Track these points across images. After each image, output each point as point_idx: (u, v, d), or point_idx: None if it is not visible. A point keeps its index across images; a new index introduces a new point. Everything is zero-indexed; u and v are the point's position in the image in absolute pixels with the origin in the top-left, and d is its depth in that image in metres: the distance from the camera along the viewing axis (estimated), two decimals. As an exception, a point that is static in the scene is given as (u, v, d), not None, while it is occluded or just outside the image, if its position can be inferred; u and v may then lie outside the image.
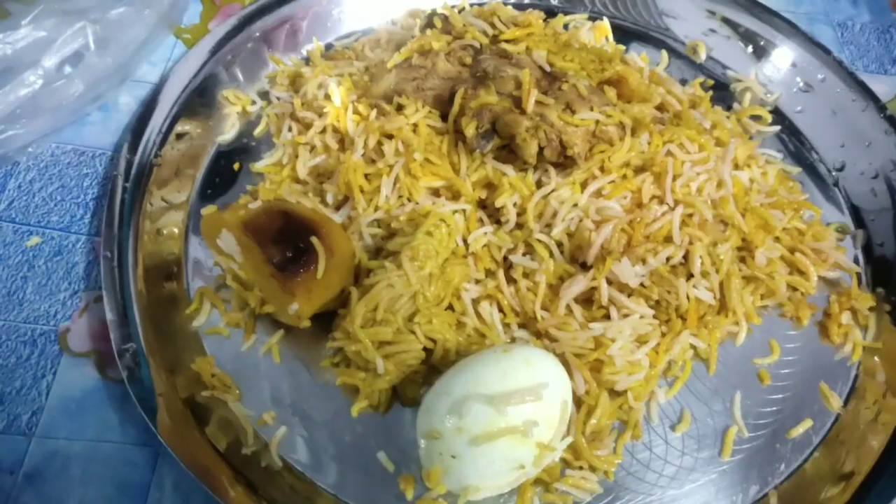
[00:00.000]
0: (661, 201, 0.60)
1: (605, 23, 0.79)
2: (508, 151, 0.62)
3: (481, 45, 0.68)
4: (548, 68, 0.64)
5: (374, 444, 0.55)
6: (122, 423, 0.56)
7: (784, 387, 0.60)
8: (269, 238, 0.54)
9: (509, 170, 0.61)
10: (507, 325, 0.59)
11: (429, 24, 0.71)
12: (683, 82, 0.76)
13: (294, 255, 0.54)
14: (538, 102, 0.60)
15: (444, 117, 0.65)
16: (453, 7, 0.80)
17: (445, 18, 0.71)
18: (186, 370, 0.57)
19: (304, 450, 0.55)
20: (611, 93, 0.66)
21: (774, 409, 0.58)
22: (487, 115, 0.61)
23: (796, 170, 0.71)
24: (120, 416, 0.56)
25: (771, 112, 0.75)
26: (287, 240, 0.55)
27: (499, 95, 0.62)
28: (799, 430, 0.57)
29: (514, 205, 0.61)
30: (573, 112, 0.60)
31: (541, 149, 0.59)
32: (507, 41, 0.69)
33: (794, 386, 0.60)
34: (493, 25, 0.70)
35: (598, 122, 0.60)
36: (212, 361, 0.58)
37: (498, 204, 0.60)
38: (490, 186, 0.63)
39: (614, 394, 0.56)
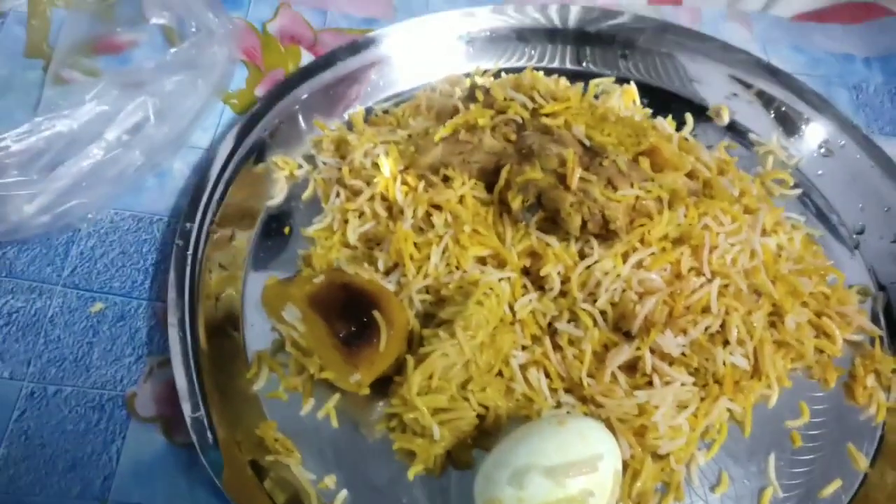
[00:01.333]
0: (699, 273, 0.63)
1: (633, 87, 0.83)
2: (551, 222, 0.66)
3: (524, 119, 0.72)
4: (587, 143, 0.68)
5: (430, 506, 0.59)
6: (191, 487, 0.58)
7: (814, 448, 0.63)
8: (334, 312, 0.58)
9: (553, 240, 0.65)
10: (553, 391, 0.62)
11: (470, 96, 0.75)
12: (709, 147, 0.79)
13: (357, 328, 0.57)
14: (581, 179, 0.63)
15: (488, 188, 0.69)
16: (486, 71, 0.85)
17: (487, 91, 0.74)
18: (250, 434, 0.60)
19: (365, 512, 0.58)
20: (645, 163, 0.69)
21: (805, 469, 0.62)
22: (533, 189, 0.65)
23: (819, 232, 0.75)
24: (188, 480, 0.59)
25: (792, 175, 0.78)
26: (350, 314, 0.58)
27: (543, 171, 0.65)
28: (829, 490, 0.61)
29: (559, 273, 0.64)
30: (614, 188, 0.64)
31: (584, 222, 0.63)
32: (546, 115, 0.72)
33: (823, 446, 0.63)
34: (532, 99, 0.74)
35: (637, 197, 0.64)
36: (274, 426, 0.61)
37: (543, 273, 0.64)
38: (534, 255, 0.66)
39: (657, 457, 0.59)
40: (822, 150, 0.80)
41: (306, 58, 0.87)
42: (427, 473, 0.60)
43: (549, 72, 0.83)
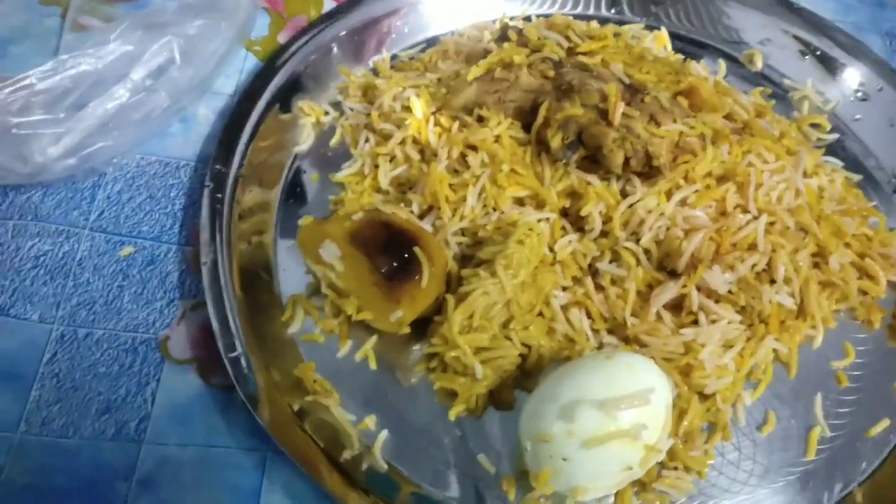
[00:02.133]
0: (744, 210, 0.62)
1: (664, 32, 0.81)
2: (591, 161, 0.64)
3: (560, 58, 0.70)
4: (627, 80, 0.66)
5: (473, 447, 0.57)
6: (229, 428, 0.57)
7: (859, 388, 0.62)
8: (375, 249, 0.56)
9: (594, 179, 0.63)
10: (595, 331, 0.61)
11: (503, 36, 0.73)
12: (744, 92, 0.77)
13: (399, 264, 0.56)
14: (623, 114, 0.62)
15: (525, 128, 0.67)
16: (514, 17, 0.83)
17: (520, 32, 0.73)
18: (287, 375, 0.59)
19: (405, 453, 0.57)
20: (683, 103, 0.68)
21: (852, 409, 0.61)
22: (573, 126, 0.63)
23: (858, 177, 0.73)
24: (226, 421, 0.58)
25: (828, 120, 0.77)
26: (391, 250, 0.57)
27: (583, 108, 0.64)
28: (877, 430, 0.60)
29: (600, 213, 0.63)
30: (657, 124, 0.62)
31: (626, 159, 0.62)
32: (583, 54, 0.71)
33: (868, 387, 0.62)
34: (567, 38, 0.72)
35: (681, 133, 0.62)
36: (313, 367, 0.59)
37: (584, 212, 0.62)
38: (573, 195, 0.65)
39: (703, 397, 0.58)
40: (859, 95, 0.78)
41: (329, 4, 0.85)
42: (468, 413, 0.59)
43: (579, 18, 0.81)
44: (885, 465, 0.58)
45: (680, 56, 0.80)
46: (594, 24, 0.79)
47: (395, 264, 0.56)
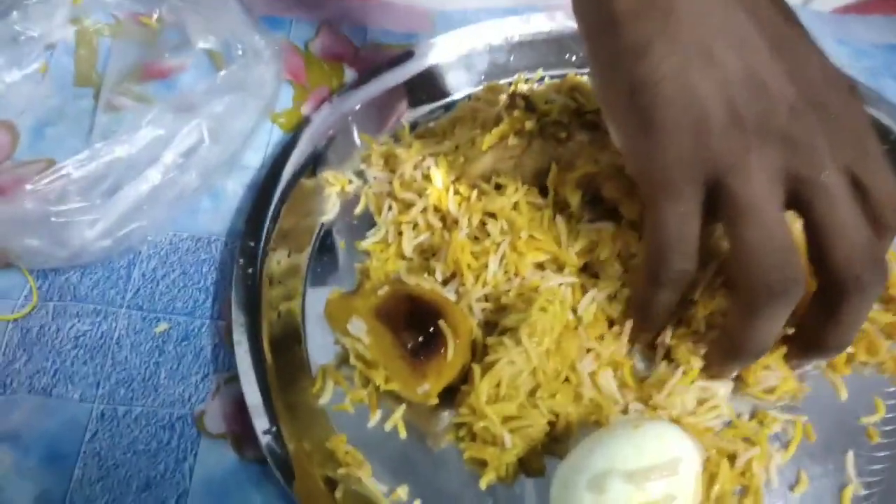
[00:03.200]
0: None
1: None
2: (611, 213, 0.66)
3: (570, 119, 0.72)
4: None
5: (504, 516, 0.58)
6: (265, 501, 0.59)
7: (892, 443, 0.61)
8: (399, 323, 0.58)
9: (608, 226, 0.66)
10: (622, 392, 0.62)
11: (512, 104, 0.75)
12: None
13: (424, 338, 0.57)
14: None
15: (542, 192, 0.69)
16: (529, 79, 0.85)
17: (526, 98, 0.75)
18: (319, 447, 0.60)
19: (437, 524, 0.58)
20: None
21: (885, 465, 0.60)
22: (591, 182, 0.66)
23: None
24: (260, 496, 0.59)
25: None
26: (416, 324, 0.58)
27: (596, 164, 0.66)
28: (912, 486, 0.59)
29: (618, 257, 0.65)
30: None
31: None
32: (590, 112, 0.72)
33: (901, 442, 0.62)
34: (574, 99, 0.74)
35: None
36: (344, 439, 0.61)
37: (602, 256, 0.65)
38: (592, 253, 0.66)
39: (734, 458, 0.58)
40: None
41: (349, 74, 0.87)
42: (499, 481, 0.59)
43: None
44: (922, 523, 0.58)
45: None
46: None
47: (420, 339, 0.57)
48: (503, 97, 0.80)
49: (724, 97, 0.50)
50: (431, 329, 0.58)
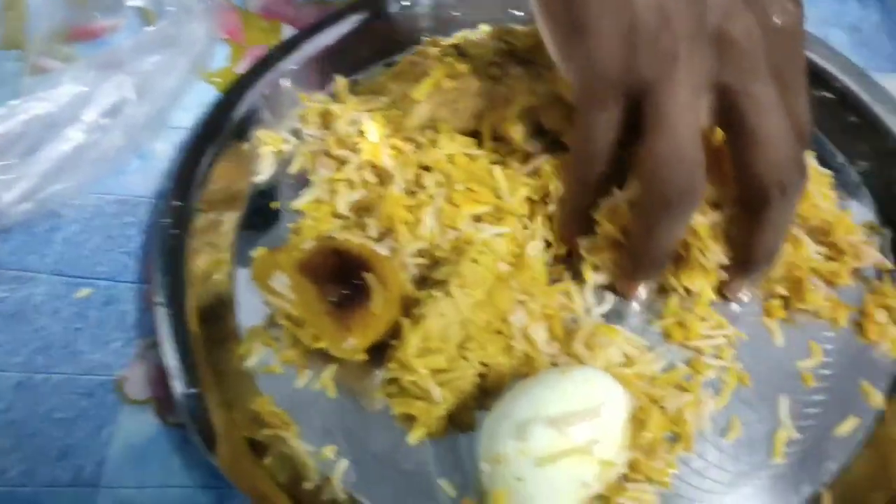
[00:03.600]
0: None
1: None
2: (558, 145, 0.65)
3: (503, 59, 0.70)
4: None
5: (434, 471, 0.57)
6: (186, 467, 0.57)
7: (826, 388, 0.61)
8: (325, 277, 0.56)
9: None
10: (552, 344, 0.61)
11: (444, 53, 0.74)
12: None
13: (349, 292, 0.56)
14: None
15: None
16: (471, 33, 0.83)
17: (456, 46, 0.73)
18: (245, 410, 0.59)
19: (364, 479, 0.57)
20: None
21: (819, 410, 0.60)
22: (531, 114, 0.65)
23: (829, 172, 0.72)
24: (183, 460, 0.57)
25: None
26: (342, 277, 0.56)
27: (535, 95, 0.65)
28: (845, 428, 0.59)
29: None
30: None
31: None
32: (523, 51, 0.71)
33: (835, 386, 0.61)
34: (506, 42, 0.73)
35: None
36: (270, 400, 0.59)
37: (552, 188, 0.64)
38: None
39: (664, 408, 0.58)
40: (822, 93, 0.77)
41: (289, 33, 0.85)
42: (429, 437, 0.58)
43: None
44: (854, 465, 0.58)
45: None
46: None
47: (344, 292, 0.56)
48: (435, 50, 0.78)
49: (657, 1, 0.48)
50: (357, 282, 0.56)
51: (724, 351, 0.62)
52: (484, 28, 0.80)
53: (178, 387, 0.57)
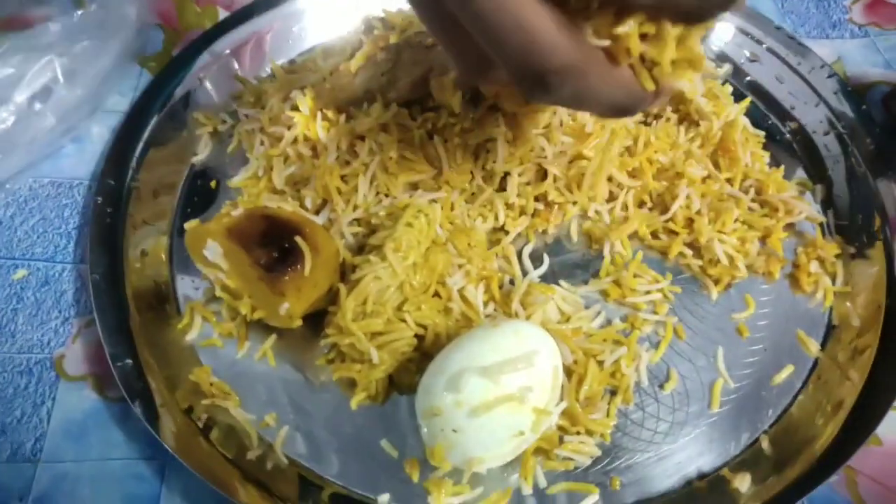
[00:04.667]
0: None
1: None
2: (494, 110, 0.66)
3: None
4: None
5: (376, 434, 0.57)
6: (127, 439, 0.56)
7: (763, 338, 0.62)
8: (254, 242, 0.56)
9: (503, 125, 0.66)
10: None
11: (368, 28, 0.74)
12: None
13: (280, 255, 0.56)
14: None
15: (422, 103, 0.68)
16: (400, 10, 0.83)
17: (382, 19, 0.74)
18: (185, 382, 0.58)
19: (308, 446, 0.57)
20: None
21: (756, 359, 0.61)
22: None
23: (761, 133, 0.73)
24: (123, 433, 0.57)
25: (723, 83, 0.77)
26: (272, 242, 0.56)
27: None
28: (782, 376, 0.60)
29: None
30: None
31: None
32: None
33: (772, 336, 0.62)
34: None
35: None
36: (209, 371, 0.59)
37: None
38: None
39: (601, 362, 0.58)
40: (749, 56, 0.79)
41: (224, 16, 0.85)
42: (370, 401, 0.58)
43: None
44: (791, 411, 0.59)
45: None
46: None
47: (275, 256, 0.55)
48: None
49: None
50: (288, 246, 0.56)
51: (660, 306, 0.62)
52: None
53: (111, 359, 0.56)
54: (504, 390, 0.49)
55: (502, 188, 0.67)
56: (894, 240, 0.65)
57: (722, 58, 0.80)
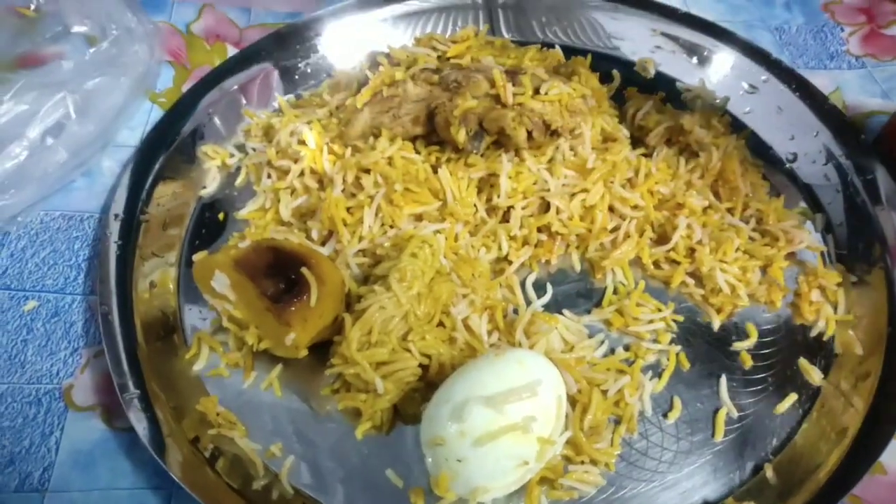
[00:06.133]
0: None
1: (558, 50, 0.83)
2: (498, 146, 0.69)
3: (436, 65, 0.73)
4: (502, 68, 0.69)
5: (381, 463, 0.57)
6: (134, 469, 0.57)
7: (766, 366, 0.62)
8: (261, 273, 0.57)
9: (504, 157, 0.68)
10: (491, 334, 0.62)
11: (373, 64, 0.76)
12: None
13: (286, 286, 0.56)
14: (514, 94, 0.67)
15: (426, 137, 0.71)
16: (403, 47, 0.85)
17: (387, 55, 0.76)
18: (192, 412, 0.59)
19: (314, 476, 0.57)
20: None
21: (759, 387, 0.61)
22: (473, 117, 0.67)
23: (759, 163, 0.75)
24: (131, 462, 0.57)
25: (722, 115, 0.79)
26: (278, 273, 0.57)
27: (475, 99, 0.68)
28: (785, 405, 0.60)
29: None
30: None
31: (528, 133, 0.66)
32: (453, 57, 0.74)
33: (775, 364, 0.63)
34: (433, 48, 0.75)
35: (567, 94, 0.68)
36: (215, 400, 0.59)
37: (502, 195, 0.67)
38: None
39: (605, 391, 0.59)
40: (747, 87, 0.80)
41: (233, 54, 0.87)
42: (376, 431, 0.58)
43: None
44: (795, 439, 0.59)
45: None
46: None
47: (282, 287, 0.56)
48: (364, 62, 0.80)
49: None
50: (294, 277, 0.57)
51: (663, 335, 0.63)
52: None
53: (119, 389, 0.57)
54: (508, 420, 0.49)
55: (506, 219, 0.68)
56: (894, 267, 0.65)
57: (721, 89, 0.81)
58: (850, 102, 0.83)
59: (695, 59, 0.83)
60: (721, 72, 0.82)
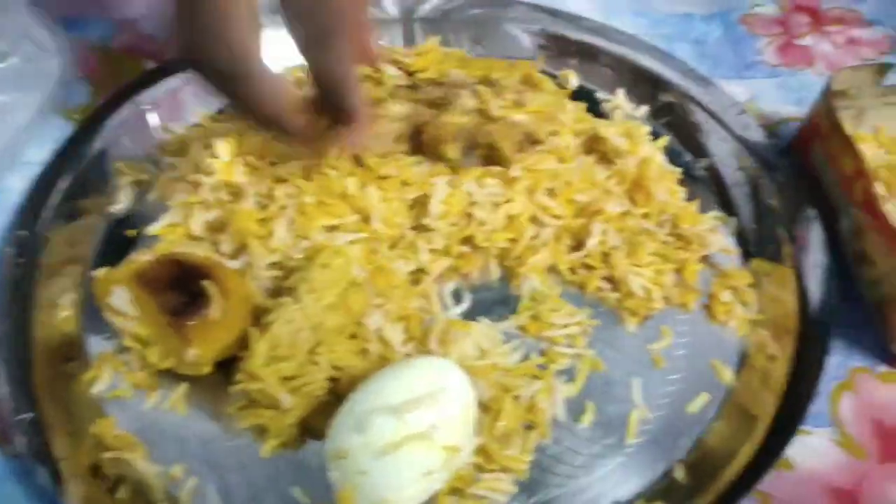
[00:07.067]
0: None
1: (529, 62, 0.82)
2: (489, 160, 0.69)
3: (413, 80, 0.74)
4: (474, 83, 0.71)
5: (289, 481, 0.55)
6: (28, 496, 0.54)
7: (678, 367, 0.63)
8: (163, 287, 0.55)
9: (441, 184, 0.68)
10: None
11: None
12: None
13: (188, 300, 0.55)
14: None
15: (414, 152, 0.70)
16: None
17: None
18: (89, 436, 0.57)
19: (218, 498, 0.55)
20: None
21: (672, 388, 0.61)
22: (464, 133, 0.67)
23: (678, 170, 0.75)
24: (25, 489, 0.55)
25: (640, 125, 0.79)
26: (181, 287, 0.55)
27: (464, 114, 0.68)
28: (696, 405, 0.60)
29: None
30: (523, 105, 0.69)
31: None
32: (419, 71, 0.75)
33: (687, 366, 0.63)
34: (396, 63, 0.75)
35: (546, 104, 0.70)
36: (112, 422, 0.57)
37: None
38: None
39: (517, 397, 0.58)
40: (664, 98, 0.81)
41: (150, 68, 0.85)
42: (284, 448, 0.57)
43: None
44: (705, 439, 0.59)
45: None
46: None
47: (184, 301, 0.55)
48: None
49: None
50: (196, 290, 0.55)
51: (577, 339, 0.63)
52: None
53: (14, 415, 0.55)
54: (411, 429, 0.48)
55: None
56: (803, 267, 0.66)
57: (639, 99, 0.82)
58: (767, 110, 0.85)
59: (614, 72, 0.84)
60: (639, 82, 0.83)
